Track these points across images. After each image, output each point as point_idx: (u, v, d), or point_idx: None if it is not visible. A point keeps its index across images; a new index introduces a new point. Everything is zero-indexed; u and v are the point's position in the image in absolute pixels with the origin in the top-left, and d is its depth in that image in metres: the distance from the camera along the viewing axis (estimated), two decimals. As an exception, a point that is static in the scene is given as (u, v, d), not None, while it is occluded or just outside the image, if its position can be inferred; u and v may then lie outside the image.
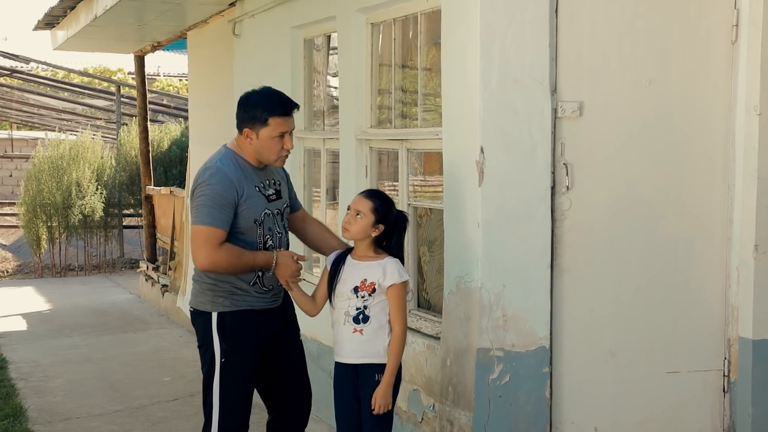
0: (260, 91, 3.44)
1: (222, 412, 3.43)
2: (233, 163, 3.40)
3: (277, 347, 3.53)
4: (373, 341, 3.37)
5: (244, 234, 3.37)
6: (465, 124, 3.68)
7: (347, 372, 3.42)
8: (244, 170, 3.40)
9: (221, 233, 3.29)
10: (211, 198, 3.31)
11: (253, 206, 3.38)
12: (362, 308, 3.36)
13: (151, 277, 9.84)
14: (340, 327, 3.41)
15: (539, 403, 3.67)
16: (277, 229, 3.47)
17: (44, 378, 6.44)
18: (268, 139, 3.36)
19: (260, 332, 3.44)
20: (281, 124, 3.36)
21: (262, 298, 3.46)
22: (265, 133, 3.35)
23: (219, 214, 3.29)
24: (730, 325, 3.86)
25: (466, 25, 3.66)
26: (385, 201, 3.43)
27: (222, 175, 3.35)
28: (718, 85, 3.82)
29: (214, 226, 3.28)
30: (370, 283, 3.35)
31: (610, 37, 3.71)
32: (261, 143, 3.37)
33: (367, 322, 3.36)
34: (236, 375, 3.42)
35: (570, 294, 3.72)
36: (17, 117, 19.29)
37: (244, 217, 3.36)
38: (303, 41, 5.50)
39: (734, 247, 3.82)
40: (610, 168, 3.74)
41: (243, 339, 3.41)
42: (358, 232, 3.38)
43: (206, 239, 3.29)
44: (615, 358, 3.79)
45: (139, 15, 7.27)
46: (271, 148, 3.37)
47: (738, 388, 3.84)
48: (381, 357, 3.38)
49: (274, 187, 3.50)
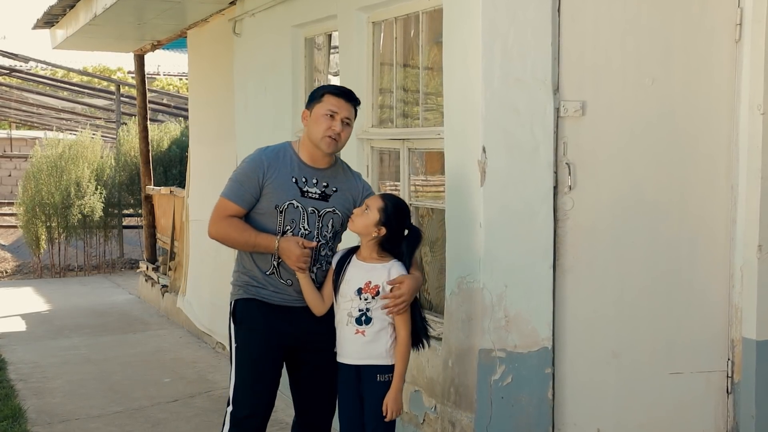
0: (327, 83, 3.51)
1: (233, 399, 3.46)
2: (277, 152, 3.48)
3: (303, 352, 3.50)
4: (375, 343, 3.35)
5: (264, 217, 3.42)
6: (467, 123, 3.67)
7: (350, 372, 3.41)
8: (287, 159, 3.46)
9: (232, 206, 3.40)
10: (238, 174, 3.45)
11: (278, 192, 3.40)
12: (365, 310, 3.35)
13: (151, 277, 9.82)
14: (343, 327, 3.40)
15: (541, 404, 3.66)
16: (303, 225, 3.42)
17: (43, 379, 6.42)
18: (318, 115, 3.43)
19: (272, 323, 3.43)
20: (333, 103, 3.42)
21: (281, 294, 3.44)
22: (317, 109, 3.44)
23: (237, 189, 3.41)
24: (734, 326, 3.85)
25: (468, 24, 3.65)
26: (397, 207, 3.39)
27: (256, 155, 3.48)
28: (721, 84, 3.80)
29: (228, 198, 3.42)
30: (374, 285, 3.34)
31: (612, 36, 3.70)
32: (313, 121, 3.44)
33: (369, 324, 3.35)
34: (245, 360, 3.44)
35: (572, 294, 3.70)
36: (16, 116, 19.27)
37: (268, 199, 3.41)
38: (304, 40, 5.49)
39: (738, 248, 3.81)
40: (612, 168, 3.72)
41: (251, 324, 3.44)
42: (361, 226, 3.37)
43: (217, 210, 3.44)
44: (618, 358, 3.77)
45: (138, 14, 7.25)
46: (319, 123, 3.42)
47: (742, 390, 3.83)
48: (383, 358, 3.36)
49: (323, 189, 3.47)
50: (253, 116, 6.03)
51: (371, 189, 3.66)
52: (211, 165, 7.46)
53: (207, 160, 7.65)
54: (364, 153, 4.71)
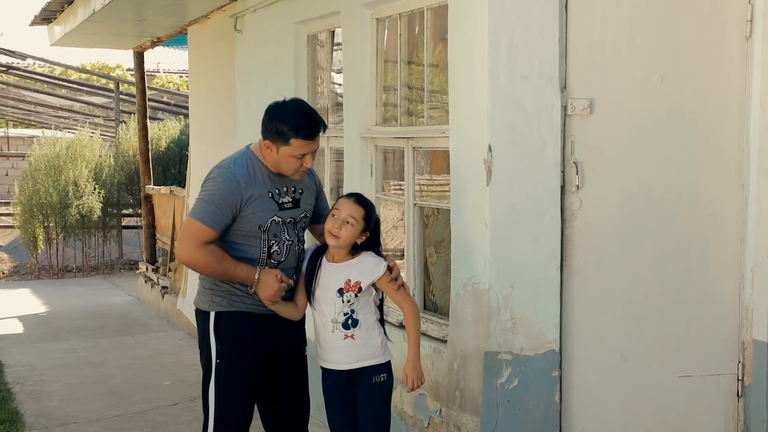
0: (289, 106, 3.32)
1: (217, 415, 3.37)
2: (248, 166, 3.34)
3: (279, 358, 3.46)
4: (367, 344, 3.33)
5: (248, 237, 3.32)
6: (472, 121, 3.64)
7: (339, 378, 3.36)
8: (259, 174, 3.34)
9: (210, 233, 3.25)
10: (213, 196, 3.28)
11: (259, 211, 3.32)
12: (350, 313, 3.30)
13: (151, 278, 9.76)
14: (327, 334, 3.35)
15: (549, 407, 3.62)
16: (285, 236, 3.38)
17: (41, 382, 6.37)
18: (287, 156, 3.30)
19: (258, 336, 3.37)
20: (303, 146, 3.28)
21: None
22: (285, 151, 3.29)
23: (214, 214, 3.25)
24: (744, 328, 3.81)
25: (473, 21, 3.61)
26: (372, 208, 3.39)
27: (230, 175, 3.30)
28: (731, 81, 3.76)
29: (206, 224, 3.25)
30: (355, 282, 3.29)
31: (621, 32, 3.66)
32: (280, 158, 3.32)
33: (357, 326, 3.31)
34: (231, 377, 3.35)
35: (580, 296, 3.67)
36: (13, 114, 19.23)
37: (249, 221, 3.30)
38: (306, 37, 5.47)
39: (748, 248, 3.76)
40: (621, 167, 3.69)
41: (238, 340, 3.35)
42: (348, 239, 3.30)
43: (193, 234, 3.26)
44: (626, 361, 3.73)
45: (138, 10, 7.23)
46: (289, 164, 3.32)
47: (752, 393, 3.78)
48: (377, 357, 3.34)
49: (293, 195, 3.42)
50: (254, 114, 5.95)
51: (318, 175, 3.63)
52: (212, 164, 7.33)
53: (208, 159, 7.57)
54: (367, 152, 4.68)
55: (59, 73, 21.19)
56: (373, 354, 3.33)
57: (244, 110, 6.18)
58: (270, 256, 3.36)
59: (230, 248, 3.30)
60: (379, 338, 3.34)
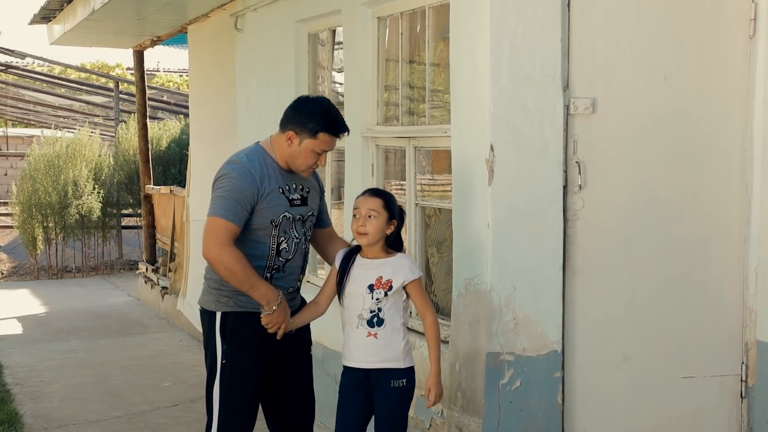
0: (320, 102, 3.39)
1: (221, 416, 3.35)
2: (259, 160, 3.34)
3: (284, 358, 3.44)
4: (388, 345, 3.29)
5: (258, 232, 3.31)
6: (474, 121, 3.62)
7: (358, 377, 3.33)
8: (270, 169, 3.34)
9: (234, 228, 3.22)
10: (231, 191, 3.24)
11: (272, 206, 3.31)
12: (376, 311, 3.27)
13: (151, 279, 9.74)
14: (352, 330, 3.32)
15: (551, 408, 3.60)
16: (294, 233, 3.38)
17: (40, 383, 6.35)
18: (308, 150, 3.31)
19: (265, 337, 3.34)
20: (328, 142, 3.32)
21: None
22: (309, 144, 3.30)
23: (235, 209, 3.23)
24: (748, 329, 3.79)
25: (475, 20, 3.60)
26: (390, 196, 3.39)
27: (244, 169, 3.28)
28: (735, 80, 3.75)
29: (228, 219, 3.22)
30: (386, 280, 3.27)
31: (623, 32, 3.65)
32: (300, 151, 3.31)
33: (381, 326, 3.28)
34: (236, 378, 3.34)
35: (583, 296, 3.65)
36: (12, 114, 19.22)
37: (262, 215, 3.29)
38: (307, 36, 5.46)
39: (752, 248, 3.75)
40: (624, 166, 3.68)
41: (245, 341, 3.33)
42: (376, 232, 3.28)
43: (217, 232, 3.22)
44: (629, 362, 3.72)
45: (138, 8, 7.22)
46: (307, 159, 3.33)
47: (756, 394, 3.77)
48: (397, 362, 3.30)
49: (301, 193, 3.42)
50: (255, 114, 5.98)
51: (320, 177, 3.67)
52: (213, 164, 7.33)
53: (208, 159, 7.58)
54: (368, 151, 4.67)
55: (59, 72, 21.16)
56: (395, 357, 3.29)
57: (245, 109, 6.17)
58: (279, 253, 3.35)
59: (240, 244, 3.26)
60: (402, 342, 3.30)
